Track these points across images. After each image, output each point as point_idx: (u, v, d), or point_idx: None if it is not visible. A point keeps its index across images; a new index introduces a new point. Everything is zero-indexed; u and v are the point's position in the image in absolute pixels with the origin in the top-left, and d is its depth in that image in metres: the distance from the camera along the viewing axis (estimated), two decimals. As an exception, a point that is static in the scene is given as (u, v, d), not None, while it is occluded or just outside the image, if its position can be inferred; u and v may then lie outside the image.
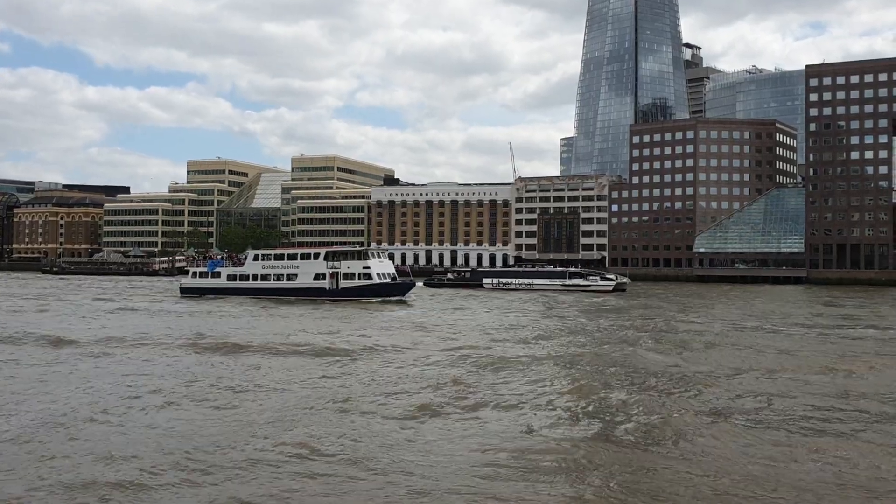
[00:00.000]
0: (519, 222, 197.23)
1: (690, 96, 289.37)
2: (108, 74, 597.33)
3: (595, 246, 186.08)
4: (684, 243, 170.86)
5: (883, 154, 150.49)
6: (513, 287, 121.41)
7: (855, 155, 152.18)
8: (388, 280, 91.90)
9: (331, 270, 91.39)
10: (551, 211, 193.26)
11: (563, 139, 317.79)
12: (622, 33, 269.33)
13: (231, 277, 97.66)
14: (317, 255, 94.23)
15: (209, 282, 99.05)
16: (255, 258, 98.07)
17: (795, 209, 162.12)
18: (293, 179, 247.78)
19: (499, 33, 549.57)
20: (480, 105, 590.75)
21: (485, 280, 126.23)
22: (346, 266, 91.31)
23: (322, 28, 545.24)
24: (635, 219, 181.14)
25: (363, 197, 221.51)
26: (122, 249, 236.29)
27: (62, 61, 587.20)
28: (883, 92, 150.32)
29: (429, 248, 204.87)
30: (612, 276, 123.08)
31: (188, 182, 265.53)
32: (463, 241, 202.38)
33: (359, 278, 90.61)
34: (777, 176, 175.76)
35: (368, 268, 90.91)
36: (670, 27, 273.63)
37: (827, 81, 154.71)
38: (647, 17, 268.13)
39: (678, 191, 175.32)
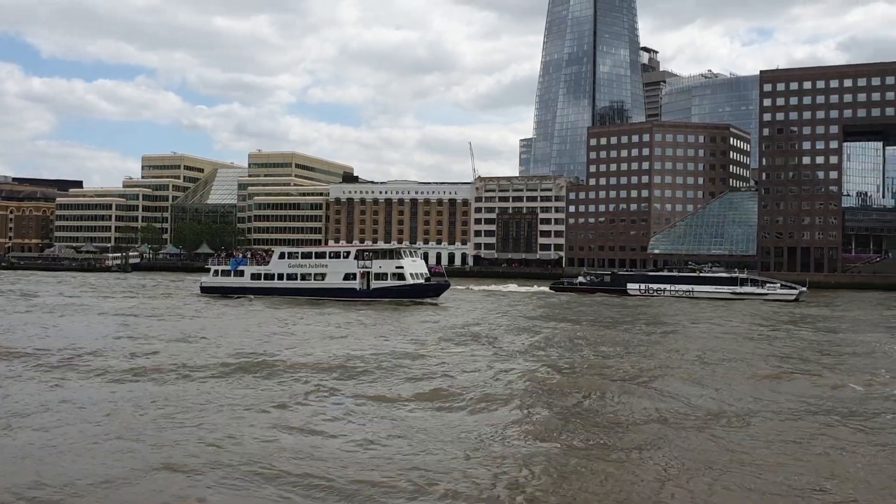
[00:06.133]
0: (478, 221, 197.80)
1: (647, 100, 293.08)
2: (54, 66, 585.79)
3: (553, 246, 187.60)
4: (639, 244, 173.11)
5: (833, 159, 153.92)
6: (666, 294, 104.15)
7: (807, 160, 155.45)
8: (422, 280, 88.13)
9: (362, 270, 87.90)
10: (510, 211, 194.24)
11: (522, 140, 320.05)
12: (581, 36, 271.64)
13: (255, 276, 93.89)
14: (347, 254, 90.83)
15: (232, 280, 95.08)
16: (281, 256, 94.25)
17: (748, 212, 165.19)
18: (250, 176, 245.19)
19: (450, 32, 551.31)
20: (434, 103, 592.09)
21: (629, 285, 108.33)
22: (377, 265, 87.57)
23: (273, 23, 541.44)
24: (592, 220, 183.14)
25: (321, 194, 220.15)
26: (74, 245, 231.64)
27: (5, 51, 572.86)
28: (834, 98, 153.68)
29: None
30: (792, 284, 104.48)
31: (143, 177, 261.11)
32: (422, 240, 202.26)
33: (391, 278, 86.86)
34: (730, 179, 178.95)
35: (402, 268, 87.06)
36: (628, 30, 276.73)
37: (780, 87, 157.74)
38: (606, 20, 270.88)
39: (634, 193, 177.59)
